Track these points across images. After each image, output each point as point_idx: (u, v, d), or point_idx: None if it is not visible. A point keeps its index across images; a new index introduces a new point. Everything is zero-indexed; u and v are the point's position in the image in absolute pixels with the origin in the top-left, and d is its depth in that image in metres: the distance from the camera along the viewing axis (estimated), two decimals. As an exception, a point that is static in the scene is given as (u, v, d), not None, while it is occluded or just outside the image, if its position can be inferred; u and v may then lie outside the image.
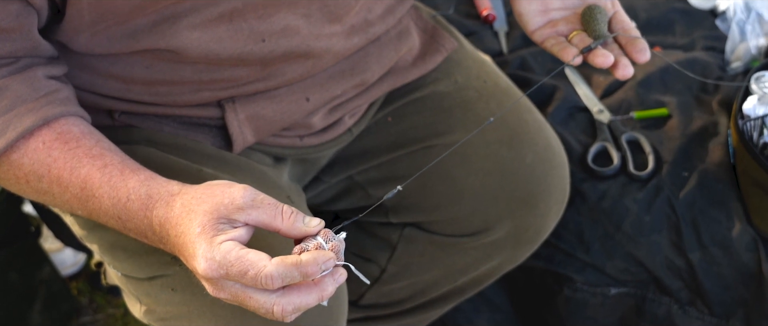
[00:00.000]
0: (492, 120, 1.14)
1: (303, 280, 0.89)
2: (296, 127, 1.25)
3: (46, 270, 1.86)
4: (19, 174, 1.02)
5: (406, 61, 1.36)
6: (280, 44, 1.12)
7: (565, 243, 1.57)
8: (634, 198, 1.54)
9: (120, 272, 1.20)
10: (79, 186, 0.99)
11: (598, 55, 1.11)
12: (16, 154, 1.01)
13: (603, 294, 1.57)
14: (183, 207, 0.93)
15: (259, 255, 0.88)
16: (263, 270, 0.87)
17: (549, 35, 1.19)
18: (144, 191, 0.97)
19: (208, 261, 0.88)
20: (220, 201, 0.90)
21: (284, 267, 0.87)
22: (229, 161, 1.20)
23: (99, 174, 0.99)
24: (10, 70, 1.01)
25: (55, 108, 1.02)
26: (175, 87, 1.14)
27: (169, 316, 1.15)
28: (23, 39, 1.01)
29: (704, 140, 1.59)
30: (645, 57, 1.12)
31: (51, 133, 1.01)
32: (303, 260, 0.88)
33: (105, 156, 1.00)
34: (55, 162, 1.00)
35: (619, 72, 1.12)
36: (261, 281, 0.87)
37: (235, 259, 0.87)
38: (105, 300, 2.01)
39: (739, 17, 1.80)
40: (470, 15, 1.90)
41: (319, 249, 0.91)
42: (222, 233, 0.89)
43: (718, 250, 1.49)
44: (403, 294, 1.48)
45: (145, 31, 1.05)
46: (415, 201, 1.38)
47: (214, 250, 0.88)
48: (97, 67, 1.12)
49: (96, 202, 0.99)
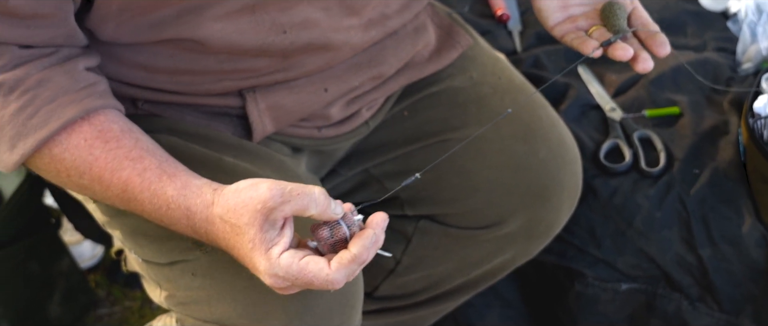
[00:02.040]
0: (509, 111, 1.16)
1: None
2: (314, 117, 1.28)
3: (66, 262, 1.89)
4: (60, 168, 1.04)
5: (422, 56, 1.39)
6: (301, 36, 1.15)
7: (576, 238, 1.59)
8: (645, 195, 1.56)
9: (141, 257, 1.22)
10: (121, 187, 1.03)
11: (618, 48, 1.13)
12: (58, 149, 1.03)
13: (614, 290, 1.58)
14: (223, 222, 0.97)
15: (318, 264, 0.93)
16: (327, 278, 0.93)
17: (569, 30, 1.21)
18: (182, 202, 1.00)
19: (272, 277, 0.94)
20: (255, 208, 0.93)
21: (345, 268, 0.93)
22: (250, 150, 1.22)
23: (139, 179, 1.02)
24: (51, 60, 1.04)
25: (95, 100, 1.04)
26: (198, 76, 1.17)
27: (189, 300, 1.17)
28: (61, 25, 1.03)
29: (715, 138, 1.61)
30: (665, 51, 1.15)
31: (92, 129, 1.03)
32: (356, 254, 0.94)
33: (144, 159, 1.03)
34: (96, 160, 1.02)
35: (640, 65, 1.14)
36: (328, 287, 0.94)
37: (297, 272, 0.93)
38: (122, 292, 2.04)
39: (750, 19, 1.82)
40: (484, 14, 1.92)
41: (361, 233, 0.96)
42: (274, 244, 0.94)
43: (728, 247, 1.50)
44: (417, 286, 1.50)
45: (170, 22, 1.08)
46: (430, 194, 1.41)
47: (275, 266, 0.93)
48: (121, 56, 1.14)
49: (138, 205, 1.03)
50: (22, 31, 1.01)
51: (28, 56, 1.02)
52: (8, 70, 1.01)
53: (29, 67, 1.02)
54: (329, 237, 0.96)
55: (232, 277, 1.12)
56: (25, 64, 1.02)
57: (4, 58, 1.01)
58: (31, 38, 1.02)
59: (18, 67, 1.01)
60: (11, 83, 1.01)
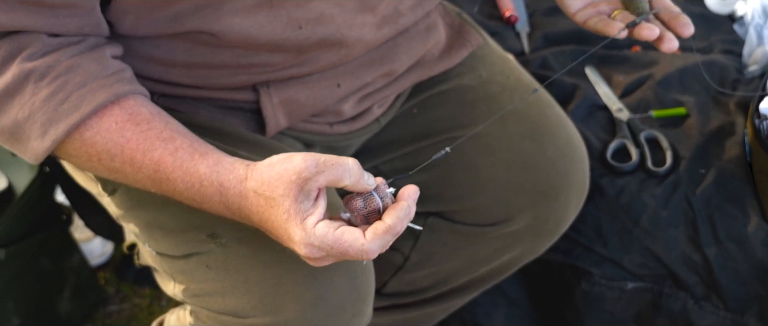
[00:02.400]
0: (514, 106, 1.17)
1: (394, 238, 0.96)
2: (327, 113, 1.30)
3: (76, 259, 1.90)
4: (91, 152, 1.05)
5: (432, 54, 1.41)
6: (316, 31, 1.17)
7: (583, 237, 1.60)
8: (651, 194, 1.57)
9: (155, 250, 1.24)
10: (152, 168, 1.03)
11: (644, 28, 1.14)
12: (89, 133, 1.04)
13: (620, 289, 1.59)
14: (257, 196, 0.97)
15: (354, 234, 0.94)
16: (362, 247, 0.94)
17: (591, 15, 1.21)
18: (215, 178, 1.01)
19: (308, 246, 0.95)
20: (290, 179, 0.94)
21: (380, 238, 0.95)
22: (264, 145, 1.24)
23: (171, 159, 1.02)
24: (80, 48, 1.05)
25: (124, 85, 1.05)
26: (214, 70, 1.19)
27: (203, 293, 1.19)
28: (88, 15, 1.05)
29: (721, 139, 1.62)
30: (689, 30, 1.15)
31: (123, 113, 1.04)
32: (390, 224, 0.95)
33: (176, 139, 1.04)
34: (127, 142, 1.03)
35: (665, 45, 1.14)
36: (363, 257, 0.95)
37: (333, 242, 0.94)
38: (131, 289, 2.06)
39: (756, 22, 1.83)
40: (493, 16, 1.94)
41: (395, 204, 0.97)
42: (309, 214, 0.95)
43: (733, 246, 1.52)
44: (425, 282, 1.52)
45: (189, 15, 1.10)
46: (438, 191, 1.42)
47: (311, 236, 0.94)
48: (138, 50, 1.16)
49: (170, 185, 1.04)
50: (51, 21, 1.02)
51: (58, 44, 1.04)
52: (38, 57, 1.02)
53: (59, 54, 1.03)
54: (363, 208, 0.97)
55: (246, 269, 1.13)
56: (55, 51, 1.04)
57: (34, 46, 1.02)
58: (60, 27, 1.04)
59: (48, 55, 1.03)
60: (42, 69, 1.02)
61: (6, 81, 1.02)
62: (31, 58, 1.02)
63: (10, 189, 1.66)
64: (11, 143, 1.07)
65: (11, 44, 1.02)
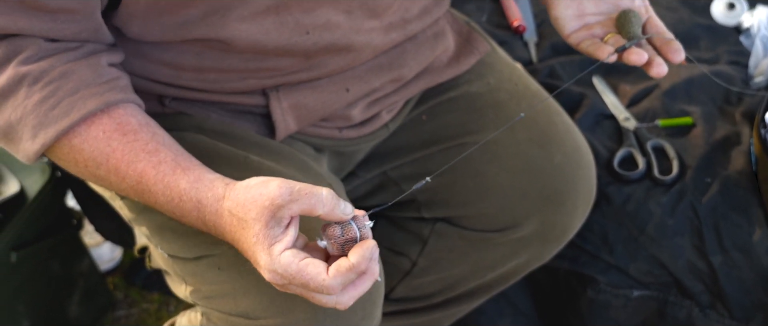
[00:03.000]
0: (522, 116, 1.19)
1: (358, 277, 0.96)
2: (336, 118, 1.31)
3: (86, 263, 1.91)
4: (78, 159, 1.07)
5: (441, 61, 1.42)
6: (323, 37, 1.19)
7: (590, 244, 1.62)
8: (658, 202, 1.58)
9: (167, 253, 1.25)
10: (136, 179, 1.05)
11: (633, 53, 1.15)
12: (77, 140, 1.06)
13: (625, 297, 1.60)
14: (231, 216, 0.99)
15: (317, 268, 0.94)
16: (323, 282, 0.94)
17: (584, 37, 1.23)
18: (194, 194, 1.03)
19: (271, 272, 0.96)
20: (263, 205, 0.96)
21: (341, 275, 0.94)
22: (274, 149, 1.26)
23: (153, 172, 1.04)
24: (76, 54, 1.07)
25: (116, 94, 1.07)
26: (223, 74, 1.20)
27: (215, 294, 1.20)
28: (87, 20, 1.07)
29: (727, 148, 1.64)
30: (680, 57, 1.17)
31: (111, 122, 1.06)
32: (354, 263, 0.95)
33: (160, 152, 1.05)
34: (113, 152, 1.05)
35: (654, 70, 1.15)
36: (322, 291, 0.95)
37: (295, 272, 0.95)
38: (140, 295, 2.07)
39: (762, 33, 1.85)
40: (501, 25, 1.96)
41: (361, 243, 0.97)
42: (276, 241, 0.96)
43: (738, 254, 1.53)
44: (432, 288, 1.53)
45: (196, 22, 1.11)
46: (446, 197, 1.44)
47: (275, 263, 0.95)
48: (149, 54, 1.18)
49: (152, 196, 1.06)
50: (48, 25, 1.04)
51: (54, 49, 1.06)
52: (34, 61, 1.04)
53: (54, 59, 1.05)
54: (340, 236, 0.97)
55: (257, 271, 1.15)
56: (50, 56, 1.05)
57: (30, 50, 1.04)
58: (58, 32, 1.05)
59: (43, 59, 1.05)
60: (36, 74, 1.04)
61: (1, 83, 1.04)
62: (26, 61, 1.04)
63: (23, 193, 1.67)
64: (5, 143, 1.09)
65: (8, 47, 1.04)
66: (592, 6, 1.24)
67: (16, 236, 1.65)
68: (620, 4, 1.23)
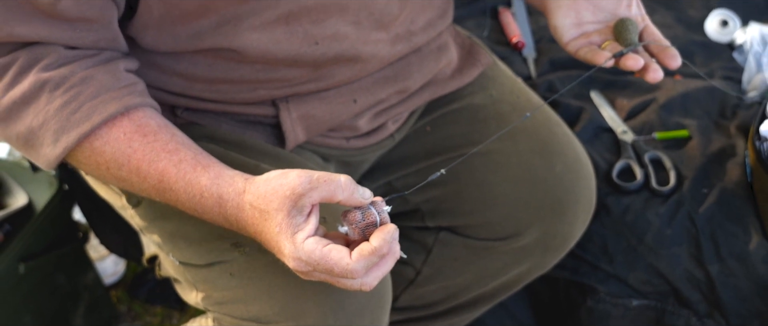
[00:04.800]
0: (527, 115, 1.22)
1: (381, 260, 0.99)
2: (343, 128, 1.35)
3: (90, 276, 1.93)
4: (100, 161, 1.09)
5: (445, 73, 1.45)
6: (332, 47, 1.22)
7: (589, 254, 1.64)
8: (656, 213, 1.61)
9: (179, 260, 1.27)
10: (157, 178, 1.07)
11: (629, 59, 1.18)
12: (98, 142, 1.08)
13: (625, 306, 1.62)
14: (253, 208, 1.01)
15: (341, 253, 0.97)
16: (347, 267, 0.96)
17: (582, 45, 1.26)
18: (215, 190, 1.05)
19: (295, 260, 0.98)
20: (284, 194, 0.98)
21: (364, 259, 0.97)
22: (284, 158, 1.28)
23: (174, 170, 1.06)
24: (95, 60, 1.10)
25: (135, 98, 1.10)
26: (235, 85, 1.23)
27: (226, 300, 1.22)
28: (105, 29, 1.10)
29: (723, 160, 1.67)
30: (677, 63, 1.20)
31: (131, 124, 1.08)
32: (376, 246, 0.97)
33: (180, 151, 1.08)
34: (134, 153, 1.08)
35: (650, 75, 1.19)
36: (347, 275, 0.97)
37: (319, 258, 0.97)
38: (143, 308, 2.09)
39: (755, 50, 1.88)
40: (500, 42, 2.00)
41: (381, 227, 0.99)
42: (299, 229, 0.98)
43: (735, 263, 1.55)
44: (436, 296, 1.55)
45: (209, 32, 1.14)
46: (450, 206, 1.46)
47: (299, 250, 0.97)
48: (162, 65, 1.21)
49: (173, 194, 1.08)
50: (68, 34, 1.07)
51: (74, 56, 1.09)
52: (54, 68, 1.07)
53: (74, 66, 1.08)
54: (361, 220, 1.00)
55: (269, 276, 1.17)
56: (71, 63, 1.08)
57: (51, 57, 1.07)
58: (77, 40, 1.09)
59: (63, 66, 1.08)
60: (57, 80, 1.07)
61: (23, 89, 1.07)
62: (47, 68, 1.07)
63: (30, 206, 1.69)
64: (25, 149, 1.11)
65: (29, 55, 1.07)
66: (590, 15, 1.27)
67: (24, 248, 1.67)
68: (617, 12, 1.26)
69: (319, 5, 1.17)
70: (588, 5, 1.26)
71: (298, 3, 1.15)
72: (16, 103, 1.07)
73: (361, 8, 1.22)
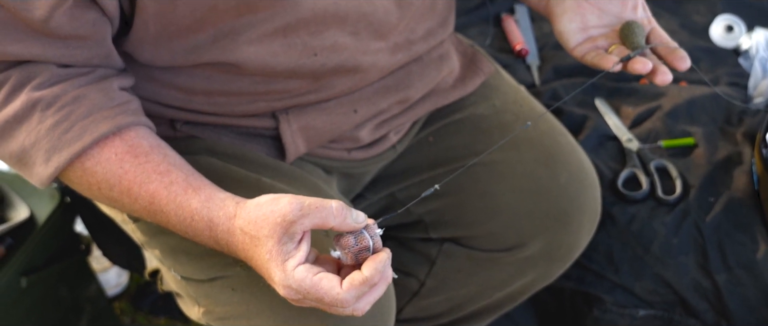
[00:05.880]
0: (529, 124, 1.20)
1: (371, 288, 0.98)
2: (344, 139, 1.33)
3: (93, 288, 1.92)
4: (91, 181, 1.09)
5: (447, 83, 1.44)
6: (331, 58, 1.21)
7: (595, 264, 1.63)
8: (662, 222, 1.60)
9: (180, 275, 1.26)
10: (148, 200, 1.07)
11: (637, 62, 1.15)
12: (90, 162, 1.07)
13: (631, 316, 1.61)
14: (244, 233, 1.00)
15: (331, 282, 0.96)
16: (337, 297, 0.95)
17: (589, 49, 1.23)
18: (205, 213, 1.04)
19: (285, 288, 0.97)
20: (275, 221, 0.97)
21: (355, 288, 0.96)
22: (285, 171, 1.27)
23: (165, 192, 1.06)
24: (88, 79, 1.09)
25: (127, 117, 1.09)
26: (234, 97, 1.22)
27: (228, 316, 1.21)
28: (98, 46, 1.09)
29: (729, 168, 1.65)
30: (686, 64, 1.17)
31: (123, 145, 1.08)
32: (368, 276, 0.96)
33: (171, 172, 1.07)
34: (125, 174, 1.07)
35: (659, 78, 1.16)
36: (337, 305, 0.96)
37: (310, 287, 0.96)
38: (146, 320, 2.08)
39: (761, 55, 1.87)
40: (504, 49, 1.99)
41: (373, 257, 0.98)
42: (290, 257, 0.97)
43: (743, 272, 1.54)
44: (440, 308, 1.54)
45: (206, 46, 1.13)
46: (453, 217, 1.45)
47: (289, 278, 0.96)
48: (160, 78, 1.20)
49: (164, 216, 1.07)
50: (61, 51, 1.06)
51: (66, 75, 1.08)
52: (47, 87, 1.06)
53: (66, 84, 1.07)
54: (354, 245, 0.98)
55: (271, 291, 1.14)
56: (63, 81, 1.07)
57: (43, 76, 1.07)
58: (70, 58, 1.08)
59: (56, 84, 1.07)
60: (49, 99, 1.06)
61: (15, 108, 1.06)
62: (39, 87, 1.06)
63: (32, 218, 1.68)
64: (19, 167, 1.11)
65: (21, 73, 1.06)
66: (595, 19, 1.25)
67: (26, 261, 1.66)
68: (623, 15, 1.24)
69: (317, 17, 1.16)
70: (593, 9, 1.25)
71: (296, 15, 1.14)
72: (9, 122, 1.07)
73: (360, 19, 1.21)
